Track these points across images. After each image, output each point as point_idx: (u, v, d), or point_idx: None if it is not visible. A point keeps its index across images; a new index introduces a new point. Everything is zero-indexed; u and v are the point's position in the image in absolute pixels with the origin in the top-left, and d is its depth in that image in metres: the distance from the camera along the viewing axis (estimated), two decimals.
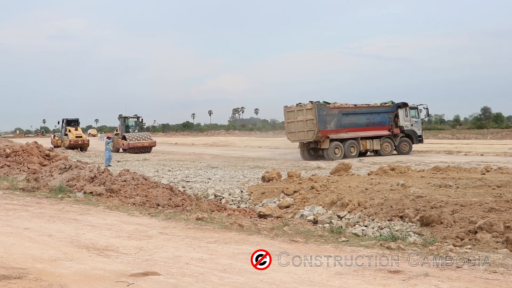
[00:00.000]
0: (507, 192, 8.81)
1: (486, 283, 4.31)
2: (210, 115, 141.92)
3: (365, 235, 7.41)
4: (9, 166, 14.87)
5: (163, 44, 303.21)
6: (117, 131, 37.97)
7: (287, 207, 10.28)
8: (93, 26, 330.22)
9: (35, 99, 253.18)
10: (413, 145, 27.38)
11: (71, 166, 12.47)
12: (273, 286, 4.28)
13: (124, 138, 35.00)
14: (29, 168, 14.52)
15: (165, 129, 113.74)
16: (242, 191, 12.35)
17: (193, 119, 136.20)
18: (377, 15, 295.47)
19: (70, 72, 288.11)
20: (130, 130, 36.35)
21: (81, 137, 37.95)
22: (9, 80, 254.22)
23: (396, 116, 27.13)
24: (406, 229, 7.54)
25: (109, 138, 27.90)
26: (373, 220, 8.21)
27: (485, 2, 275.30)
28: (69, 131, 37.93)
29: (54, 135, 44.98)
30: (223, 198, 11.68)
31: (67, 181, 11.14)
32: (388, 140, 26.68)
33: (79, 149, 36.58)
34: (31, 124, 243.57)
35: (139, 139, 34.67)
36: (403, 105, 27.31)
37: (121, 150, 35.64)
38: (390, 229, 7.58)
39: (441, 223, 7.34)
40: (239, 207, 10.83)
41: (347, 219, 8.67)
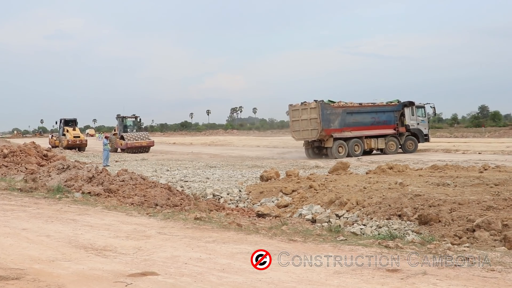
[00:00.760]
0: (505, 190, 8.83)
1: (484, 281, 4.31)
2: (208, 114, 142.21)
3: (363, 234, 7.41)
4: (6, 166, 14.83)
5: (161, 44, 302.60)
6: (115, 131, 37.94)
7: (285, 206, 10.28)
8: (90, 26, 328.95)
9: (32, 99, 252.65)
10: (418, 144, 27.42)
11: (69, 166, 12.44)
12: (272, 286, 4.28)
13: (122, 138, 34.98)
14: (27, 169, 14.49)
15: (163, 128, 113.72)
16: (240, 191, 12.36)
17: (191, 118, 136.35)
18: (376, 14, 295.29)
19: (68, 71, 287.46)
20: (128, 130, 36.33)
21: (79, 137, 37.92)
22: (6, 80, 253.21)
23: (402, 115, 27.18)
24: (404, 227, 7.55)
25: (107, 138, 27.88)
26: (371, 219, 8.22)
27: (485, 2, 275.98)
28: (67, 131, 37.89)
29: (52, 135, 44.67)
30: (222, 197, 11.69)
31: (65, 181, 11.12)
32: (393, 138, 26.72)
33: (77, 149, 36.56)
34: (29, 124, 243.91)
35: (137, 139, 34.67)
36: (409, 104, 27.36)
37: (119, 150, 35.60)
38: (388, 227, 7.59)
39: (439, 221, 7.35)
40: (237, 206, 10.84)
41: (346, 218, 8.68)
